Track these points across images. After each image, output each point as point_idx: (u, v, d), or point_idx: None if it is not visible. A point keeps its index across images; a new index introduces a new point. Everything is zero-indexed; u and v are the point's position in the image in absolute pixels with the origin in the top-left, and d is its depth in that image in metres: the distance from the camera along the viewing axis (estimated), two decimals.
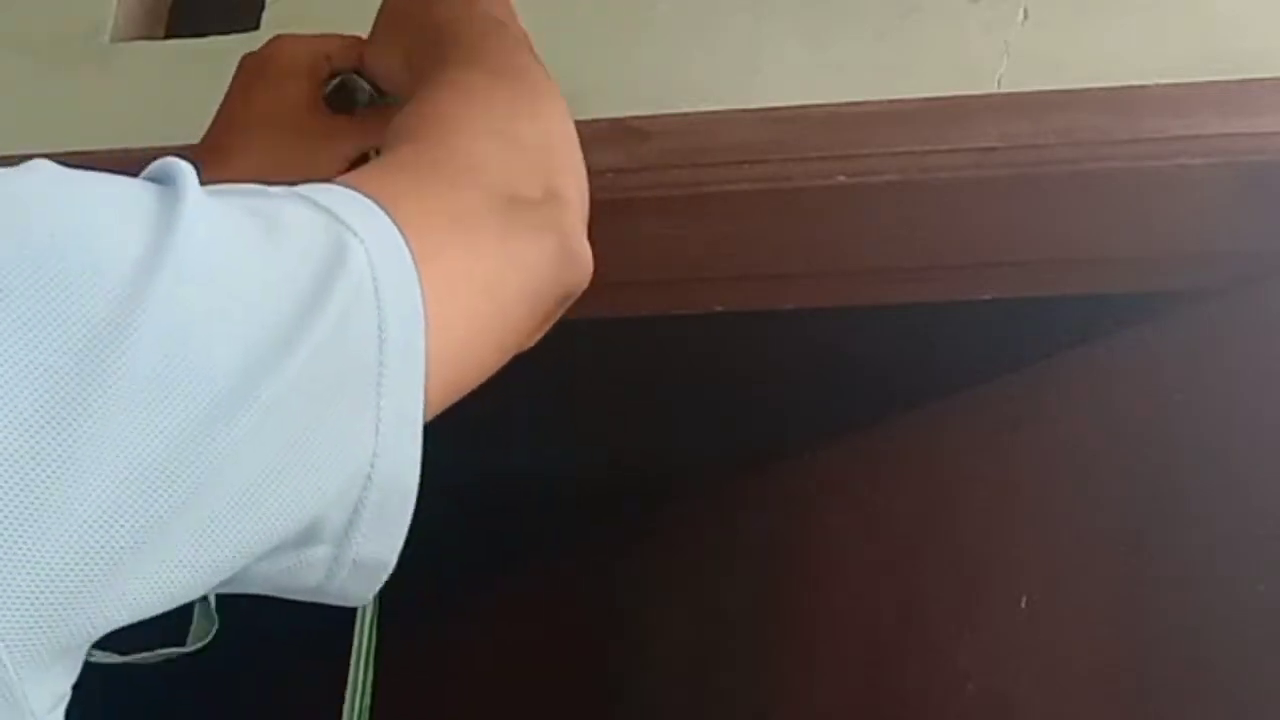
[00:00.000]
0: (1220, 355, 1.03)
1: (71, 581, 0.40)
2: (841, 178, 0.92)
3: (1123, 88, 0.90)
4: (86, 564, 0.40)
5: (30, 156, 1.09)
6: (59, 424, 0.40)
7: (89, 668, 0.44)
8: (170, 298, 0.42)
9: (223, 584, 0.47)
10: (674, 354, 1.49)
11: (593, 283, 0.69)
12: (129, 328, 0.41)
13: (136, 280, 0.42)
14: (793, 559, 1.42)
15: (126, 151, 1.01)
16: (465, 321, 0.54)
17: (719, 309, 1.06)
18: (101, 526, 0.40)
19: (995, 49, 0.94)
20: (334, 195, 0.51)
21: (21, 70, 1.08)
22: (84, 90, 1.07)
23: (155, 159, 0.52)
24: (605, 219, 0.95)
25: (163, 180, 0.47)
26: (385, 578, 0.52)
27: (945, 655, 1.18)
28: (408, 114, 0.65)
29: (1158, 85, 0.90)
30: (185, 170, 0.47)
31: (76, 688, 0.44)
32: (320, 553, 0.49)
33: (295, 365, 0.44)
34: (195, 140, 1.02)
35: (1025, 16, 0.95)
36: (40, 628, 0.40)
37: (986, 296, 1.03)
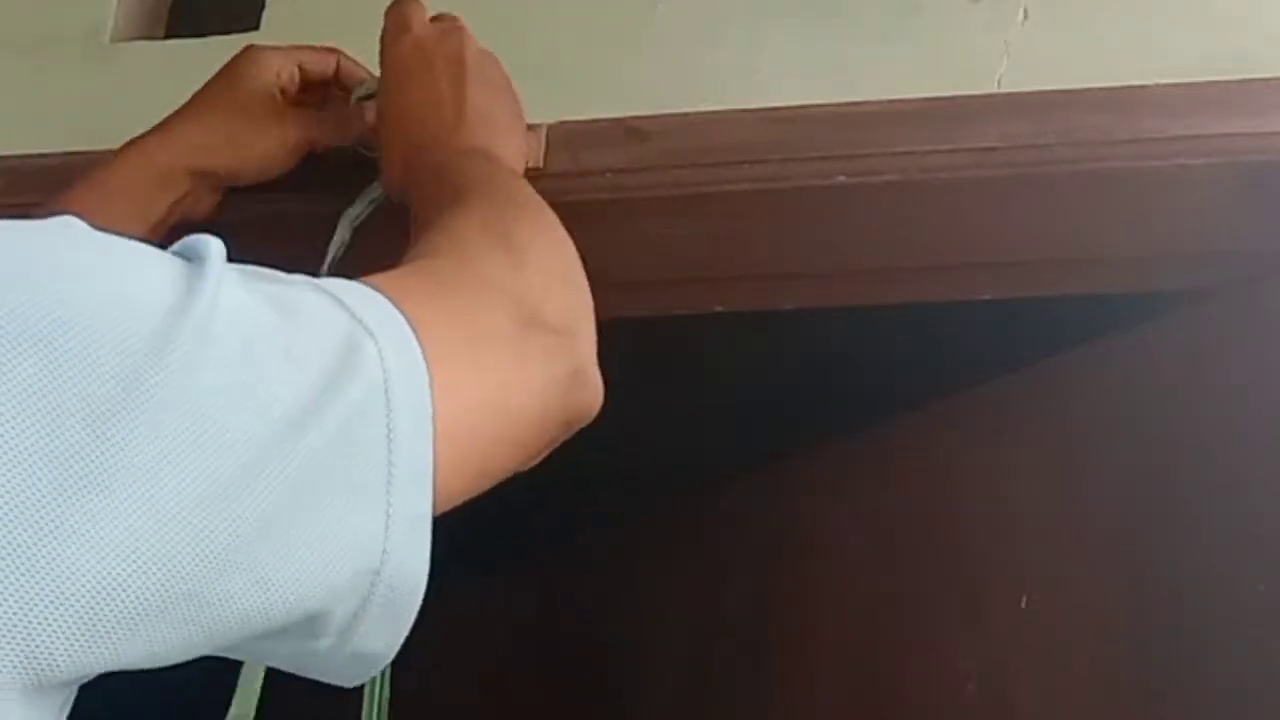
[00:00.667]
0: (1220, 355, 1.03)
1: (61, 643, 0.40)
2: (841, 178, 0.92)
3: (1123, 88, 0.90)
4: (81, 628, 0.40)
5: (30, 156, 1.10)
6: (64, 493, 0.39)
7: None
8: (189, 367, 0.42)
9: (216, 650, 0.47)
10: (674, 354, 1.48)
11: (593, 283, 0.70)
12: (145, 396, 0.41)
13: (156, 348, 0.42)
14: (793, 559, 1.42)
15: None
16: (471, 432, 0.54)
17: (719, 309, 1.06)
18: (101, 597, 0.40)
19: (995, 49, 0.94)
20: (353, 293, 0.51)
21: (21, 70, 1.08)
22: (84, 90, 1.07)
23: None
24: (605, 219, 0.95)
25: (190, 256, 0.47)
26: (380, 669, 0.52)
27: (945, 655, 1.18)
28: (426, 233, 0.66)
29: (1158, 85, 0.90)
30: (213, 245, 0.47)
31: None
32: (322, 643, 0.49)
33: (307, 449, 0.45)
34: None
35: (1025, 16, 0.95)
36: (29, 685, 0.40)
37: (986, 296, 1.03)
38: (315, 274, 0.56)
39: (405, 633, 0.51)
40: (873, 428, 1.34)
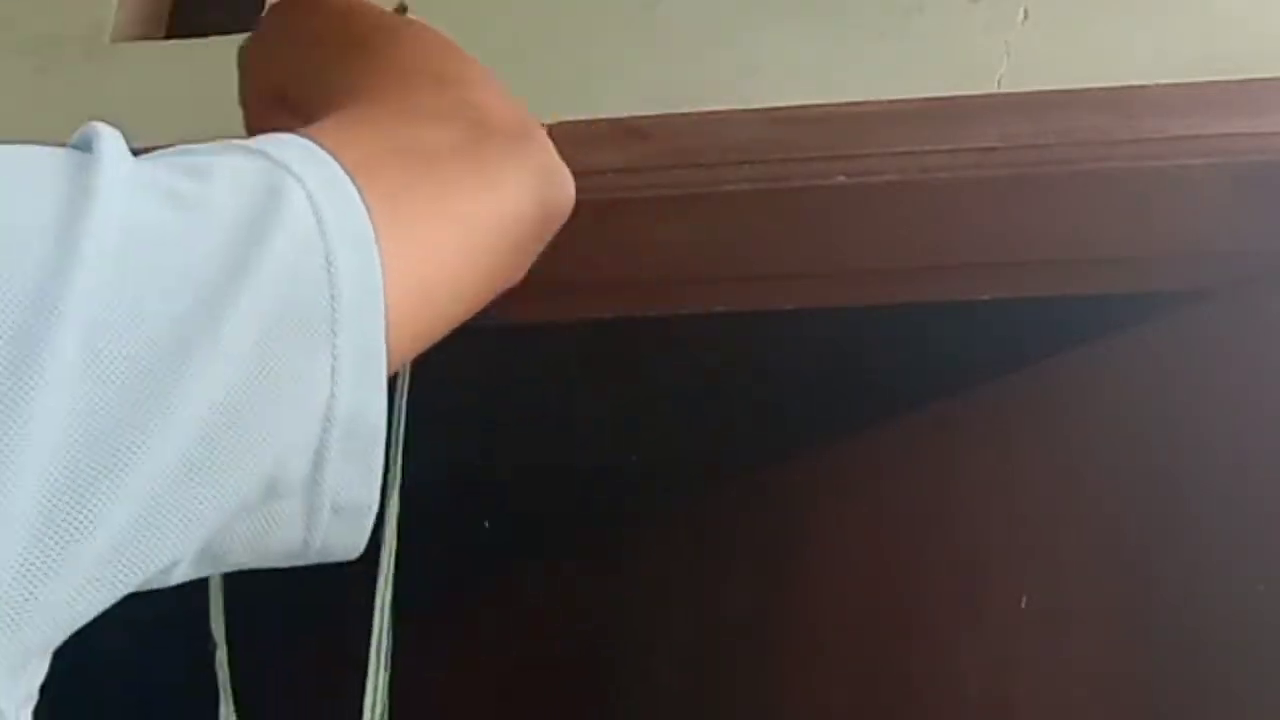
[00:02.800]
0: (1220, 355, 1.03)
1: (24, 576, 0.39)
2: (841, 178, 0.92)
3: (1123, 88, 0.90)
4: (37, 553, 0.39)
5: None
6: None
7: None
8: (92, 264, 0.41)
9: (205, 561, 0.46)
10: (674, 354, 1.48)
11: (593, 283, 0.70)
12: (51, 308, 0.40)
13: (55, 254, 0.40)
14: (793, 559, 1.42)
15: None
16: (432, 253, 0.52)
17: (719, 309, 1.06)
18: (46, 511, 0.39)
19: (995, 49, 0.94)
20: (274, 141, 0.49)
21: (21, 70, 1.08)
22: (84, 90, 1.07)
23: None
24: (605, 219, 0.95)
25: (83, 148, 0.45)
26: (369, 522, 0.50)
27: (945, 655, 1.18)
28: (340, 88, 0.62)
29: (1158, 85, 0.90)
30: (105, 134, 0.46)
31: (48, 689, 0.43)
32: (290, 506, 0.47)
33: (234, 313, 0.43)
34: (195, 139, 1.02)
35: (1025, 16, 0.95)
36: (5, 629, 0.39)
37: (986, 296, 1.03)
38: None
39: (378, 475, 0.48)
40: (873, 428, 1.34)
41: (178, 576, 0.45)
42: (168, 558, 0.43)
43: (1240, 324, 1.00)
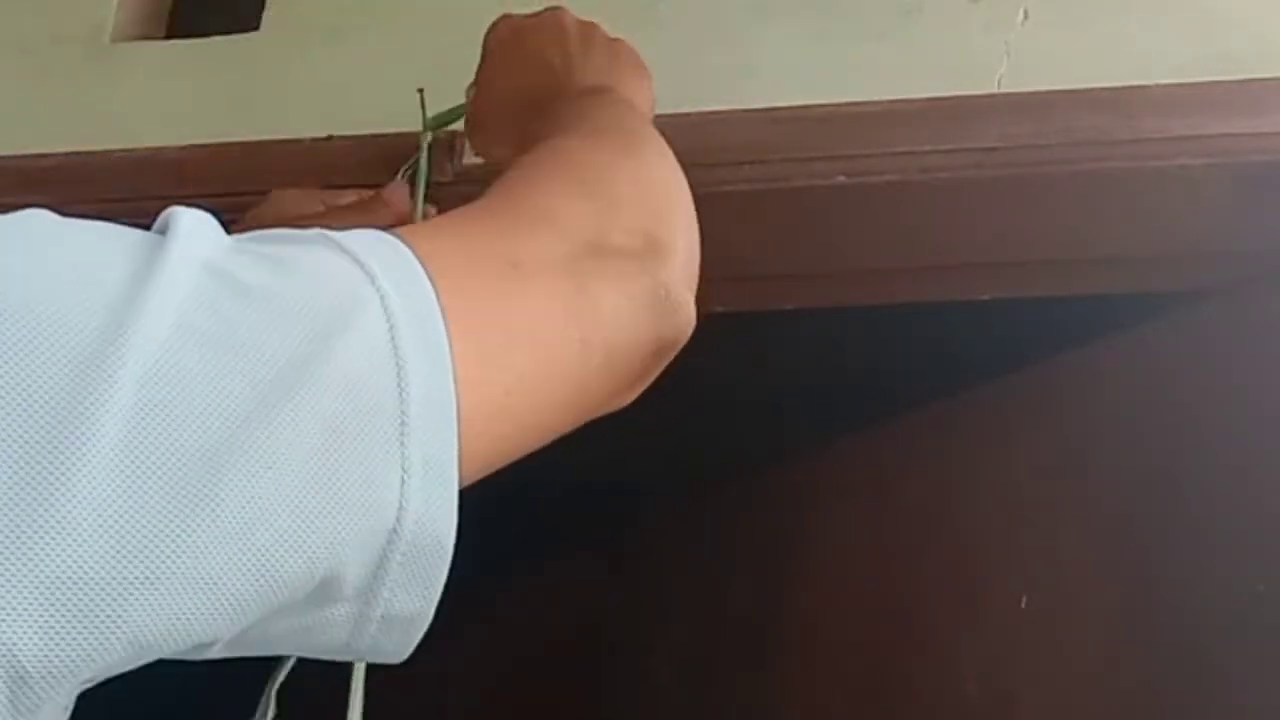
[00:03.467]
0: (1220, 355, 1.03)
1: (30, 635, 0.38)
2: (841, 178, 0.92)
3: (1123, 88, 0.90)
4: (49, 617, 0.38)
5: (31, 157, 1.10)
6: (32, 488, 0.38)
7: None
8: (146, 345, 0.40)
9: (238, 644, 0.45)
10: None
11: None
12: (102, 383, 0.39)
13: (110, 333, 0.40)
14: (793, 559, 1.42)
15: (127, 151, 1.01)
16: (514, 372, 0.50)
17: (719, 309, 1.06)
18: (68, 585, 0.38)
19: (995, 49, 0.94)
20: (364, 239, 0.48)
21: (22, 70, 1.08)
22: (84, 90, 1.07)
23: (155, 159, 0.51)
24: None
25: (162, 230, 0.45)
26: (419, 634, 0.49)
27: (945, 655, 1.18)
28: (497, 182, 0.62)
29: (1158, 85, 0.90)
30: (184, 215, 0.45)
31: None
32: (342, 611, 0.46)
33: (292, 412, 0.42)
34: (195, 140, 1.02)
35: (1025, 16, 0.95)
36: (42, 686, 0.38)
37: (986, 296, 1.03)
38: None
39: (438, 591, 0.47)
40: (873, 428, 1.34)
41: (211, 654, 0.45)
42: (198, 639, 0.42)
43: (1240, 324, 1.00)
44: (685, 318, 0.62)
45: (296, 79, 1.04)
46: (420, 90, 0.89)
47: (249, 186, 0.97)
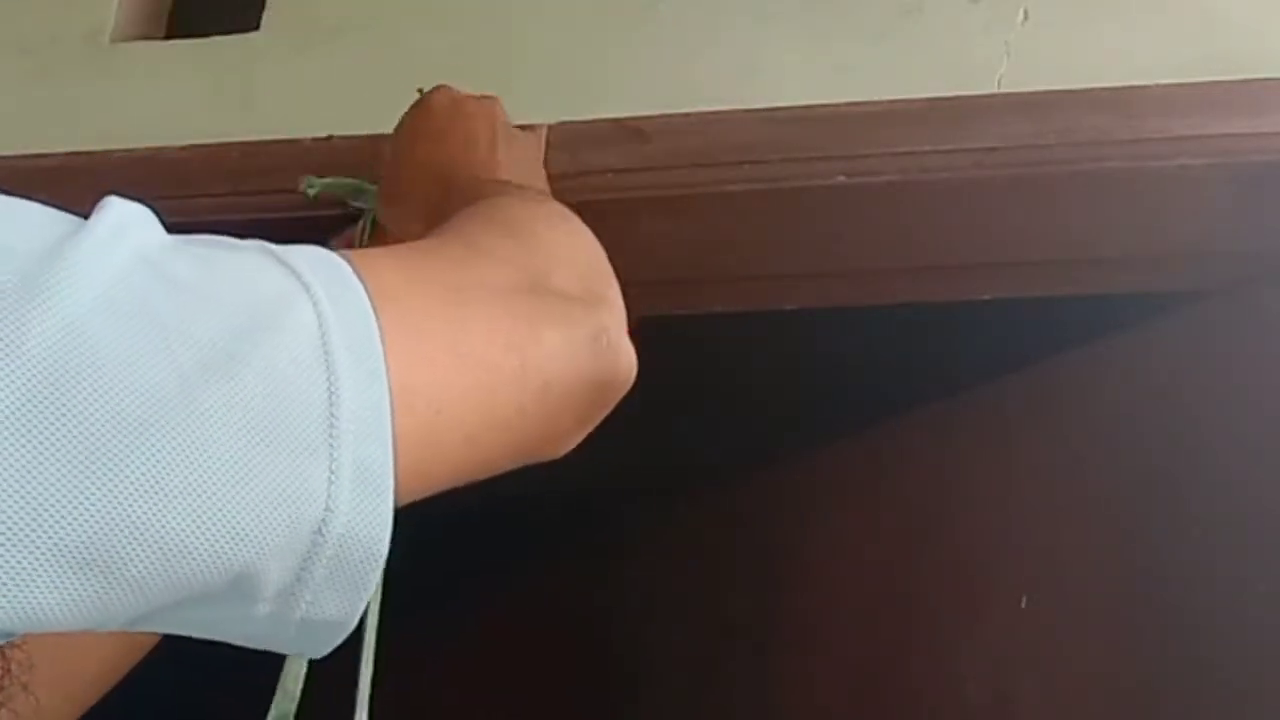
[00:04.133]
0: (1220, 355, 1.03)
1: None
2: (841, 178, 0.92)
3: (1123, 88, 0.90)
4: None
5: (31, 157, 1.10)
6: None
7: None
8: (63, 309, 0.39)
9: (147, 622, 0.44)
10: (674, 354, 1.48)
11: None
12: (6, 341, 0.38)
13: (22, 291, 0.39)
14: (793, 559, 1.42)
15: (127, 151, 1.01)
16: (446, 391, 0.50)
17: (719, 309, 1.06)
18: None
19: (995, 49, 0.94)
20: (307, 253, 0.48)
21: (22, 71, 1.08)
22: (84, 90, 1.07)
23: (155, 159, 0.51)
24: (605, 219, 0.95)
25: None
26: (341, 639, 0.48)
27: (945, 655, 1.18)
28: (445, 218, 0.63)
29: (1158, 85, 0.90)
30: (116, 204, 0.45)
31: None
32: (261, 610, 0.45)
33: (211, 404, 0.42)
34: (195, 140, 1.02)
35: (1025, 17, 0.95)
36: None
37: (986, 296, 1.03)
38: None
39: (364, 601, 0.47)
40: (873, 428, 1.34)
41: (115, 628, 0.44)
42: (90, 619, 0.41)
43: (1240, 324, 1.00)
44: (626, 363, 0.63)
45: (296, 79, 1.04)
46: (420, 90, 0.89)
47: (249, 186, 0.97)
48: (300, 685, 0.75)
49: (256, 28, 1.06)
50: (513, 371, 0.54)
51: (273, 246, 0.48)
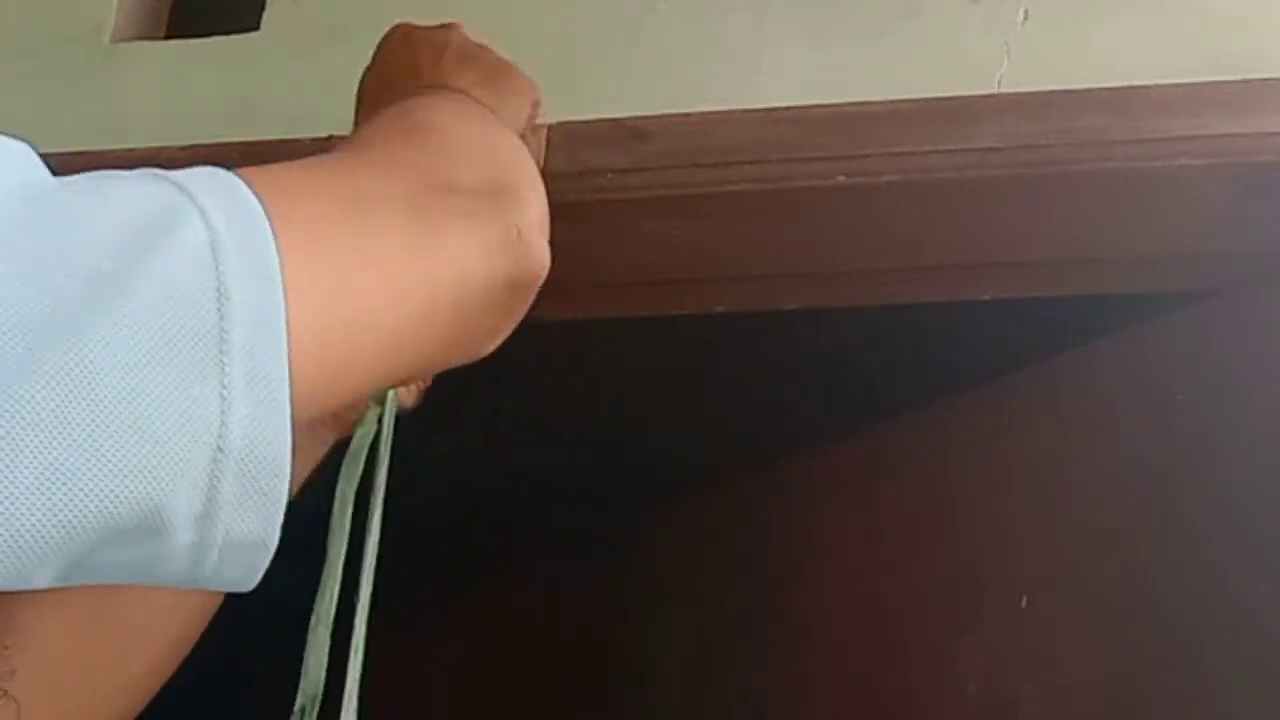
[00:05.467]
0: (1220, 355, 1.03)
1: None
2: (841, 178, 0.92)
3: (1123, 88, 0.90)
4: None
5: None
6: None
7: None
8: None
9: (76, 575, 0.43)
10: (674, 354, 1.49)
11: (593, 283, 0.69)
12: None
13: None
14: (793, 559, 1.42)
15: (127, 151, 1.01)
16: (350, 297, 0.50)
17: (719, 309, 1.06)
18: None
19: (995, 49, 0.94)
20: (197, 173, 0.47)
21: (21, 70, 1.08)
22: (84, 90, 1.07)
23: (155, 159, 0.51)
24: (605, 219, 0.95)
25: None
26: (265, 559, 0.47)
27: (945, 655, 1.18)
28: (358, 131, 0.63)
29: (1158, 85, 0.90)
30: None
31: None
32: (180, 540, 0.44)
33: (96, 328, 0.40)
34: (195, 140, 1.02)
35: (1025, 16, 0.95)
36: None
37: (986, 296, 1.03)
38: None
39: (278, 513, 0.46)
40: (873, 428, 1.34)
41: (41, 584, 0.43)
42: (15, 574, 0.40)
43: (1240, 324, 1.00)
44: (539, 259, 0.62)
45: (296, 79, 1.04)
46: None
47: None
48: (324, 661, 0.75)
49: (256, 28, 1.07)
50: (419, 279, 0.54)
51: (163, 171, 0.47)
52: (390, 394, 0.83)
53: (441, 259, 0.55)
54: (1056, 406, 1.15)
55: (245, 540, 0.45)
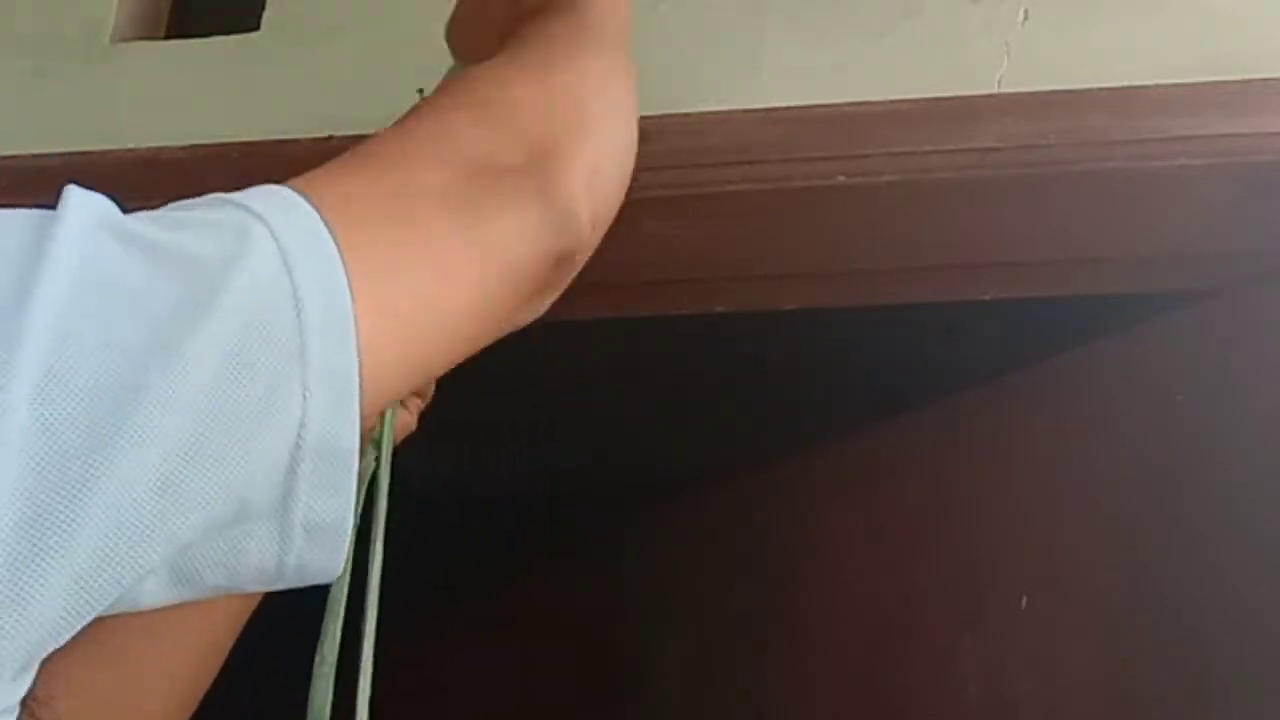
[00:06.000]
0: (1220, 355, 1.03)
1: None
2: (841, 178, 0.92)
3: (1123, 88, 0.90)
4: (8, 583, 0.40)
5: (31, 157, 1.10)
6: None
7: None
8: (41, 314, 0.42)
9: (179, 581, 0.47)
10: (674, 354, 1.49)
11: (593, 283, 0.69)
12: (10, 340, 0.41)
13: (10, 310, 0.42)
14: (793, 559, 1.42)
15: (127, 151, 1.01)
16: (409, 293, 0.53)
17: (719, 309, 1.06)
18: (11, 545, 0.40)
19: (995, 49, 0.94)
20: (258, 192, 0.51)
21: (21, 70, 1.08)
22: (84, 90, 1.07)
23: (155, 159, 0.52)
24: None
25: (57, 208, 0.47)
26: (344, 543, 0.51)
27: (945, 655, 1.18)
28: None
29: (1158, 85, 0.90)
30: (75, 194, 0.47)
31: None
32: (263, 527, 0.48)
33: (194, 345, 0.44)
34: (195, 140, 1.02)
35: (1025, 16, 0.95)
36: None
37: (986, 296, 1.03)
38: None
39: (350, 498, 0.50)
40: (873, 428, 1.34)
41: (150, 598, 0.46)
42: (135, 572, 0.43)
43: (1240, 324, 1.00)
44: (578, 226, 0.64)
45: (296, 79, 1.04)
46: (420, 91, 0.89)
47: (249, 187, 0.97)
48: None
49: (256, 28, 1.06)
50: (471, 265, 0.57)
51: (227, 195, 0.51)
52: (388, 418, 0.84)
53: (490, 244, 0.58)
54: (1056, 406, 1.15)
55: (324, 523, 0.50)
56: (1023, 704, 1.11)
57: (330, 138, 0.99)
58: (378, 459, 0.83)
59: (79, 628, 0.43)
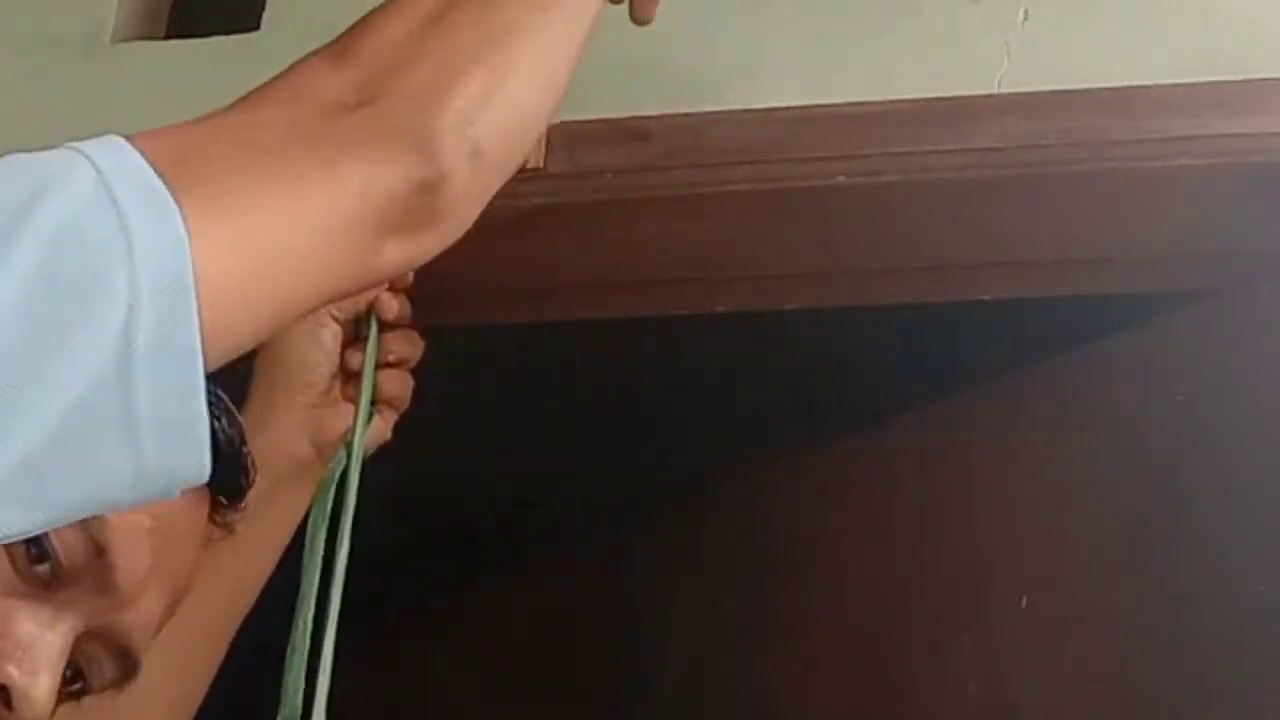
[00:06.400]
0: (1220, 355, 1.03)
1: None
2: (841, 178, 0.92)
3: (1123, 88, 0.90)
4: None
5: None
6: None
7: None
8: None
9: (29, 505, 0.48)
10: (674, 354, 1.48)
11: (593, 283, 0.69)
12: None
13: None
14: (792, 559, 1.42)
15: None
16: (251, 222, 0.53)
17: (719, 309, 1.06)
18: None
19: (996, 49, 0.94)
20: (93, 140, 0.53)
21: (22, 70, 1.08)
22: (84, 90, 1.07)
23: None
24: (605, 219, 0.95)
25: None
26: (202, 440, 0.50)
27: (945, 655, 1.18)
28: None
29: (1158, 85, 0.90)
30: None
31: None
32: (108, 435, 0.48)
33: (9, 259, 0.46)
34: None
35: (1025, 16, 0.95)
36: None
37: (986, 296, 1.03)
38: None
39: (199, 395, 0.50)
40: (873, 428, 1.34)
41: (4, 525, 0.48)
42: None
43: (1240, 324, 1.00)
44: (449, 155, 0.61)
45: None
46: None
47: None
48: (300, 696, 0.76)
49: (256, 28, 1.06)
50: (317, 197, 0.56)
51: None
52: (360, 418, 0.84)
53: (341, 179, 0.57)
54: (1057, 406, 1.15)
55: (176, 423, 0.49)
56: (1023, 704, 1.11)
57: None
58: (348, 457, 0.84)
59: None
